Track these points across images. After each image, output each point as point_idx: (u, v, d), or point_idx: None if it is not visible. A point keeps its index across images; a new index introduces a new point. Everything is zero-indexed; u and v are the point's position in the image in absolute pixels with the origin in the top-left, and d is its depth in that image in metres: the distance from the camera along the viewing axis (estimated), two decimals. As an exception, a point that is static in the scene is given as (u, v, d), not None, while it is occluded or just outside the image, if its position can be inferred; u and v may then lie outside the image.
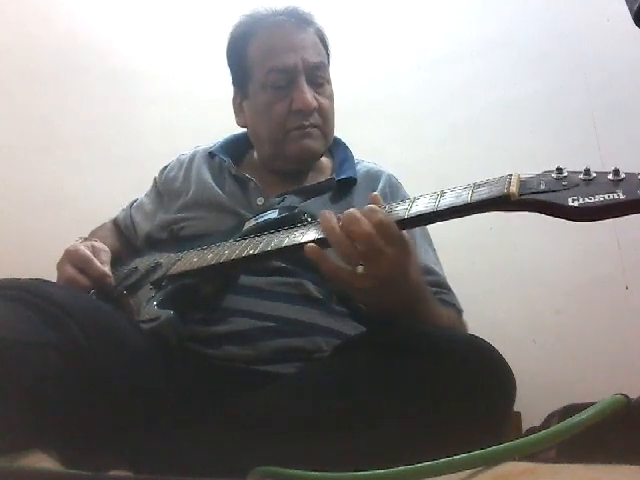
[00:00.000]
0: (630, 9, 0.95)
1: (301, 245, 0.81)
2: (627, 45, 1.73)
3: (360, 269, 0.74)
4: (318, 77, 1.12)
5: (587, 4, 1.89)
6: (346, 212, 0.76)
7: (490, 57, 1.97)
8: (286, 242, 0.83)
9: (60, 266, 1.01)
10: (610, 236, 1.71)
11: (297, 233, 0.84)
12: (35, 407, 0.66)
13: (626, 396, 0.52)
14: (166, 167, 1.27)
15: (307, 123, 1.10)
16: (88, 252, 1.00)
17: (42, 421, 0.66)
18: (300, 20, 1.14)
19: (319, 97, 1.11)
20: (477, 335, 0.79)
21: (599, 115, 1.81)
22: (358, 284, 0.75)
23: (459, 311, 1.06)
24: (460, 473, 0.51)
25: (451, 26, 2.04)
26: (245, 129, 1.22)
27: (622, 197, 0.59)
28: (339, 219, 0.76)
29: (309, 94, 1.09)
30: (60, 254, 1.03)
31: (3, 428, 0.62)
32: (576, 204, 0.61)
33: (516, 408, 0.82)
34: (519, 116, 1.90)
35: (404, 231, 0.77)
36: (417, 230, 1.10)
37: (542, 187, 0.65)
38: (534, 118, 1.89)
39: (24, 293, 0.75)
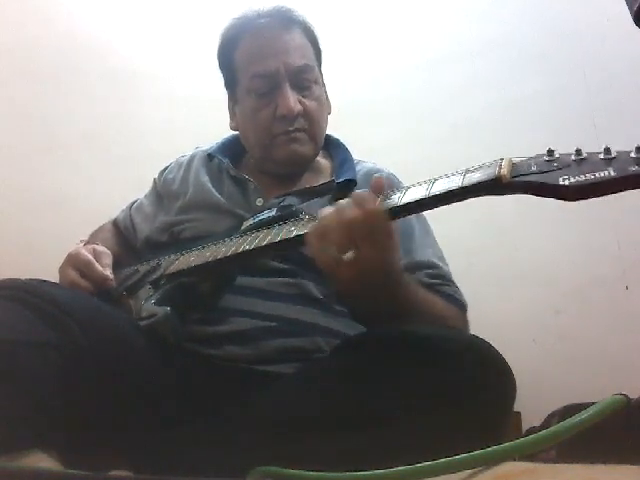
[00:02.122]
0: (630, 9, 0.95)
1: (295, 238, 0.81)
2: (627, 45, 1.73)
3: (349, 255, 0.74)
4: (303, 80, 1.11)
5: (587, 4, 1.88)
6: (337, 202, 0.77)
7: (490, 57, 1.97)
8: (281, 236, 0.83)
9: (62, 270, 1.02)
10: (610, 236, 1.71)
11: (292, 227, 0.84)
12: (35, 407, 0.66)
13: (626, 396, 0.52)
14: (165, 169, 1.27)
15: (292, 128, 1.09)
16: (89, 256, 1.01)
17: (42, 421, 0.66)
18: (285, 21, 1.13)
19: (305, 100, 1.10)
20: (477, 335, 0.79)
21: (599, 115, 1.81)
22: (345, 273, 0.75)
23: (462, 305, 1.04)
24: (460, 473, 0.51)
25: (451, 26, 2.04)
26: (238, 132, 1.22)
27: (613, 174, 0.59)
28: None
29: (292, 99, 1.07)
30: (60, 254, 1.03)
31: (3, 428, 0.62)
32: (567, 183, 0.61)
33: (516, 408, 0.82)
34: (519, 116, 1.90)
35: (399, 220, 0.78)
36: (416, 227, 1.09)
37: (533, 169, 0.65)
38: (534, 118, 1.88)
39: (24, 293, 0.75)
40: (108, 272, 1.00)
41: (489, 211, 1.68)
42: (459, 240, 1.63)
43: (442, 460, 0.51)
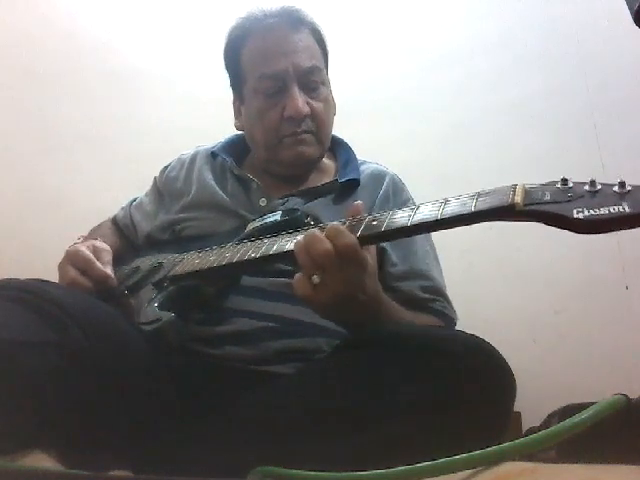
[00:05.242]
0: (630, 9, 0.95)
1: None
2: (627, 45, 1.73)
3: (315, 279, 0.76)
4: (311, 81, 1.10)
5: (587, 4, 1.89)
6: (308, 232, 0.79)
7: (490, 57, 1.97)
8: (288, 246, 0.82)
9: (61, 267, 1.01)
10: (610, 236, 1.69)
11: (299, 236, 0.83)
12: (35, 407, 0.66)
13: (626, 396, 0.52)
14: (167, 167, 1.27)
15: (299, 130, 1.09)
16: (89, 253, 1.00)
17: (42, 421, 0.66)
18: (294, 21, 1.12)
19: (312, 101, 1.10)
20: (477, 335, 0.79)
21: (599, 115, 1.81)
22: (315, 297, 0.77)
23: (450, 320, 1.05)
24: (460, 473, 0.51)
25: (451, 26, 2.04)
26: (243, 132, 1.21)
27: (627, 210, 0.58)
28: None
29: (300, 100, 1.07)
30: (60, 254, 1.03)
31: (3, 428, 0.62)
32: (581, 216, 0.60)
33: (516, 408, 0.81)
34: (519, 116, 1.90)
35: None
36: None
37: (547, 198, 0.65)
38: (534, 118, 1.88)
39: (24, 293, 0.75)
40: (109, 270, 0.99)
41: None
42: (459, 240, 1.63)
43: (442, 460, 0.51)
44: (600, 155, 1.76)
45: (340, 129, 1.23)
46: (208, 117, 1.77)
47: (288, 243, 0.83)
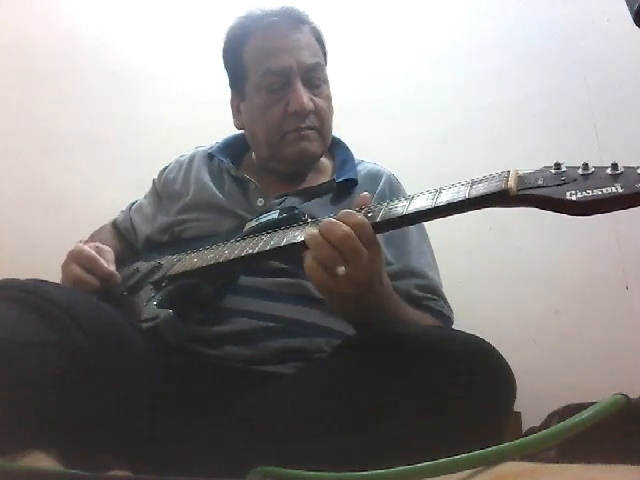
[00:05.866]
0: (630, 9, 0.95)
1: (299, 244, 0.81)
2: (627, 45, 1.73)
3: (341, 270, 0.73)
4: (314, 78, 1.11)
5: (587, 4, 1.89)
6: (323, 220, 0.77)
7: (490, 57, 1.97)
8: (284, 241, 0.83)
9: (65, 267, 1.01)
10: (610, 236, 1.71)
11: (296, 233, 0.84)
12: (35, 407, 0.66)
13: (626, 396, 0.52)
14: (165, 168, 1.27)
15: (303, 125, 1.09)
16: (93, 252, 1.01)
17: (42, 421, 0.66)
18: (295, 20, 1.13)
19: (315, 98, 1.11)
20: (477, 335, 0.79)
21: (599, 115, 1.81)
22: (339, 289, 0.75)
23: (447, 320, 1.05)
24: (460, 473, 0.51)
25: (451, 26, 2.04)
26: (243, 131, 1.22)
27: (620, 190, 0.59)
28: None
29: (305, 96, 1.08)
30: (60, 254, 1.03)
31: (3, 428, 0.62)
32: (574, 198, 0.61)
33: (516, 408, 0.82)
34: (519, 116, 1.90)
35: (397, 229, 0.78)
36: (414, 231, 1.09)
37: (540, 182, 0.65)
38: (534, 118, 1.89)
39: (24, 293, 0.75)
40: (112, 268, 1.00)
41: (489, 210, 1.68)
42: (459, 240, 1.63)
43: (442, 460, 0.51)
44: (600, 155, 1.76)
45: (340, 129, 1.23)
46: (208, 117, 1.77)
47: (285, 238, 0.83)
